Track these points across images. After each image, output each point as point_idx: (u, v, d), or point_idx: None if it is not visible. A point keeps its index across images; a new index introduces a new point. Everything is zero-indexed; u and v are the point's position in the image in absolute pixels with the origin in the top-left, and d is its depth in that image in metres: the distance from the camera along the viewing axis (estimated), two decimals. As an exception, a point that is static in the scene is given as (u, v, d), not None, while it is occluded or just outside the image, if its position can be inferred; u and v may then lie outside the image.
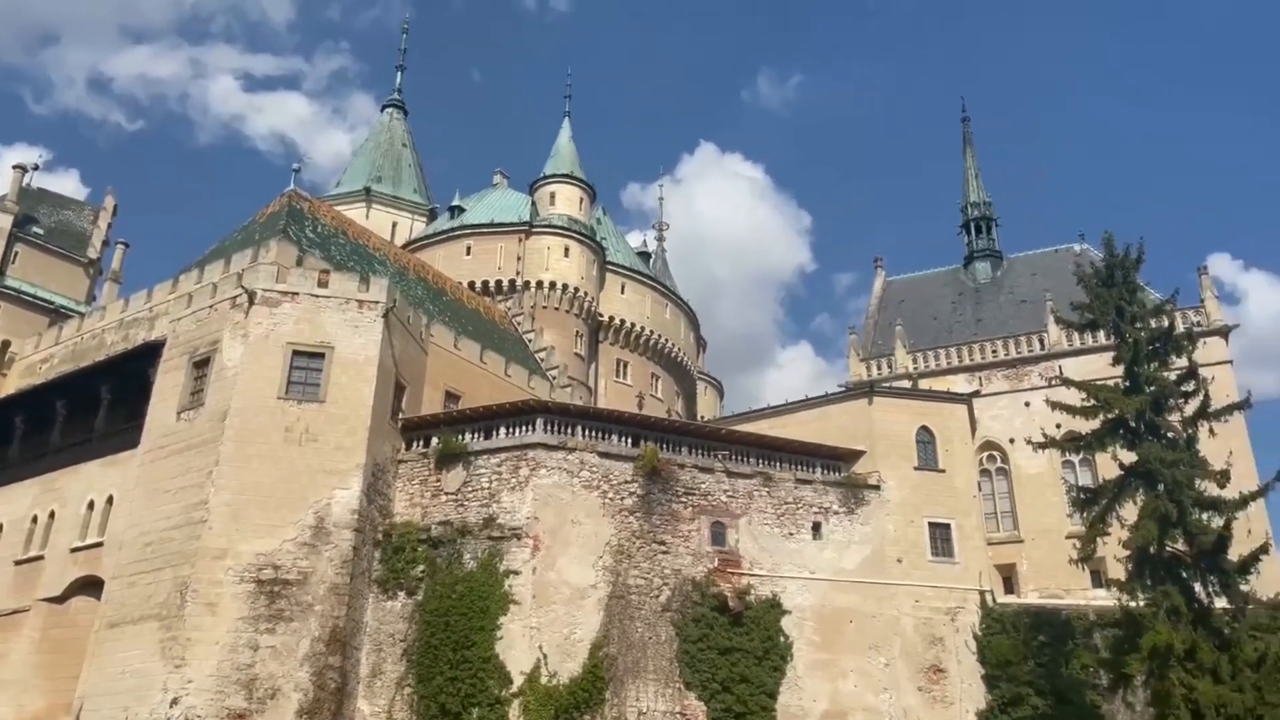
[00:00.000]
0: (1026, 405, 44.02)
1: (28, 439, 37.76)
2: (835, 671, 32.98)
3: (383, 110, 76.72)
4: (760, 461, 35.81)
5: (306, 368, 32.67)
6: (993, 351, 47.41)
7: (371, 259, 44.50)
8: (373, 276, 36.17)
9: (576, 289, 57.29)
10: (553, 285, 56.73)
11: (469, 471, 33.73)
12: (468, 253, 57.99)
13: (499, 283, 56.90)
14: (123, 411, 35.63)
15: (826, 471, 36.39)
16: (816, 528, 35.16)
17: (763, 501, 34.95)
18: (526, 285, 56.52)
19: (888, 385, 42.90)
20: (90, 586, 32.95)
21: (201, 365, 33.36)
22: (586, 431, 34.42)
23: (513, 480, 33.20)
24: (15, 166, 52.02)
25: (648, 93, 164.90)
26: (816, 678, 32.69)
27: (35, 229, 50.14)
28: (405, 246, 57.91)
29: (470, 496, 33.35)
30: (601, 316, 59.73)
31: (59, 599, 33.63)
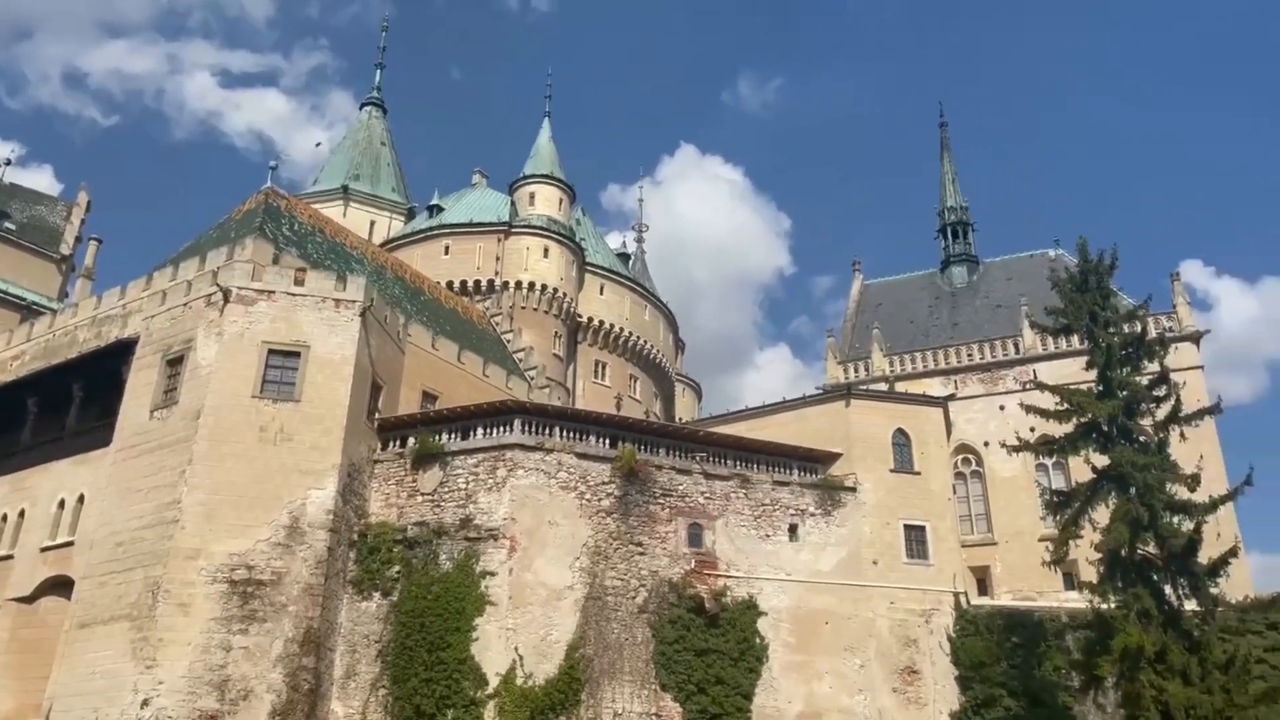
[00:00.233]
0: (1001, 409, 44.34)
1: (-3, 437, 37.27)
2: (810, 673, 33.11)
3: (361, 108, 76.23)
4: (738, 463, 35.90)
5: (282, 366, 32.47)
6: (968, 355, 47.74)
7: (349, 258, 44.24)
8: (350, 275, 35.95)
9: (555, 290, 57.22)
10: (531, 286, 56.63)
11: (446, 472, 33.62)
12: (446, 252, 57.79)
13: (477, 283, 56.71)
14: (95, 410, 35.29)
15: (803, 473, 36.53)
16: (793, 529, 35.29)
17: (740, 503, 35.03)
18: (505, 285, 56.38)
19: (865, 388, 43.11)
20: (60, 586, 32.60)
21: (175, 363, 33.10)
22: (564, 432, 34.39)
23: (490, 481, 33.12)
24: (-12, 161, 51.41)
25: (628, 94, 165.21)
26: (792, 679, 32.81)
27: (7, 224, 49.52)
28: (383, 245, 57.59)
29: (447, 497, 33.25)
30: (580, 317, 59.68)
31: (28, 599, 33.23)
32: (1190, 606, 28.51)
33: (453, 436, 34.40)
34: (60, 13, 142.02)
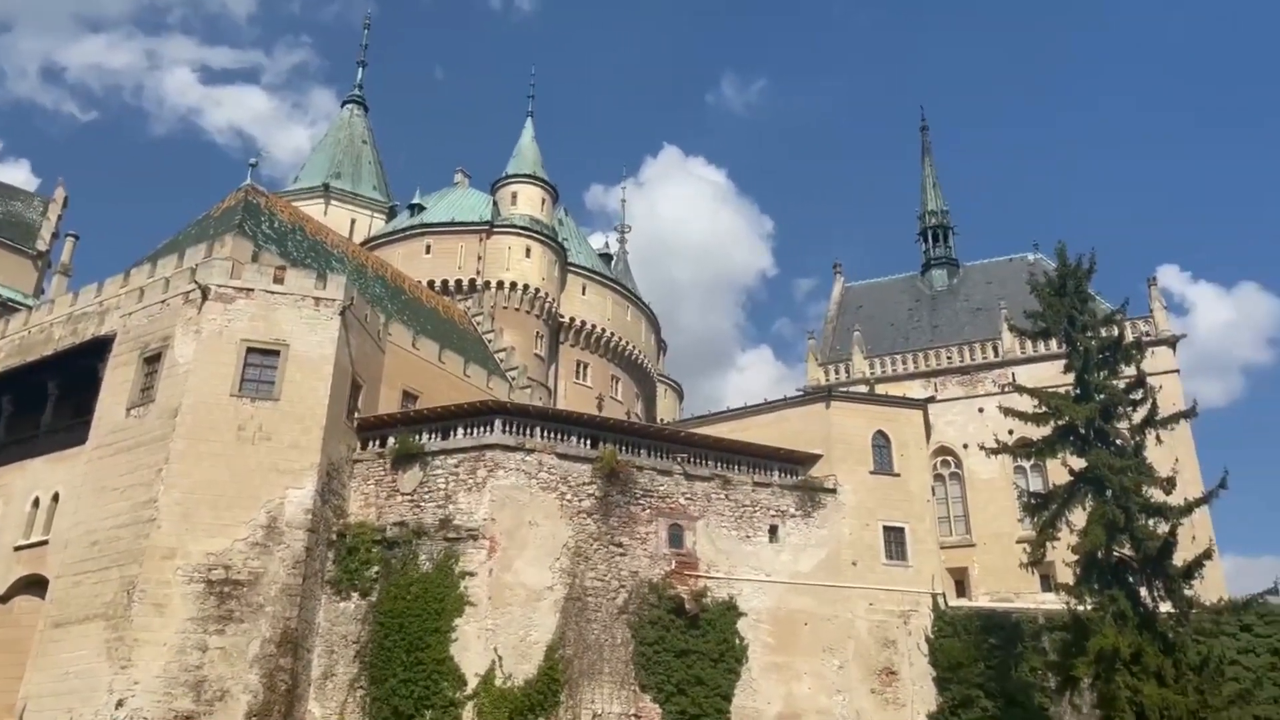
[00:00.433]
0: (980, 411, 44.60)
1: (-29, 435, 36.84)
2: (790, 674, 33.20)
3: (343, 106, 75.80)
4: (719, 464, 35.96)
5: (261, 365, 32.28)
6: (948, 358, 47.99)
7: (329, 256, 44.00)
8: (330, 274, 35.79)
9: (537, 290, 57.11)
10: (513, 285, 56.49)
11: (425, 472, 33.50)
12: (428, 251, 57.56)
13: (459, 282, 56.52)
14: (70, 407, 35.00)
15: (784, 475, 36.64)
16: (773, 530, 35.38)
17: (721, 504, 35.09)
18: (487, 285, 56.21)
19: (845, 390, 43.27)
20: (35, 586, 32.32)
21: (152, 361, 32.83)
22: (545, 433, 34.34)
23: (470, 481, 33.03)
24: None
25: (612, 94, 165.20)
26: (771, 680, 32.89)
27: (-18, 220, 49.02)
28: (364, 244, 57.29)
29: (426, 497, 33.13)
30: (562, 317, 59.59)
31: (2, 598, 32.94)
32: (1165, 608, 28.82)
33: (433, 436, 34.29)
34: (38, 7, 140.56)
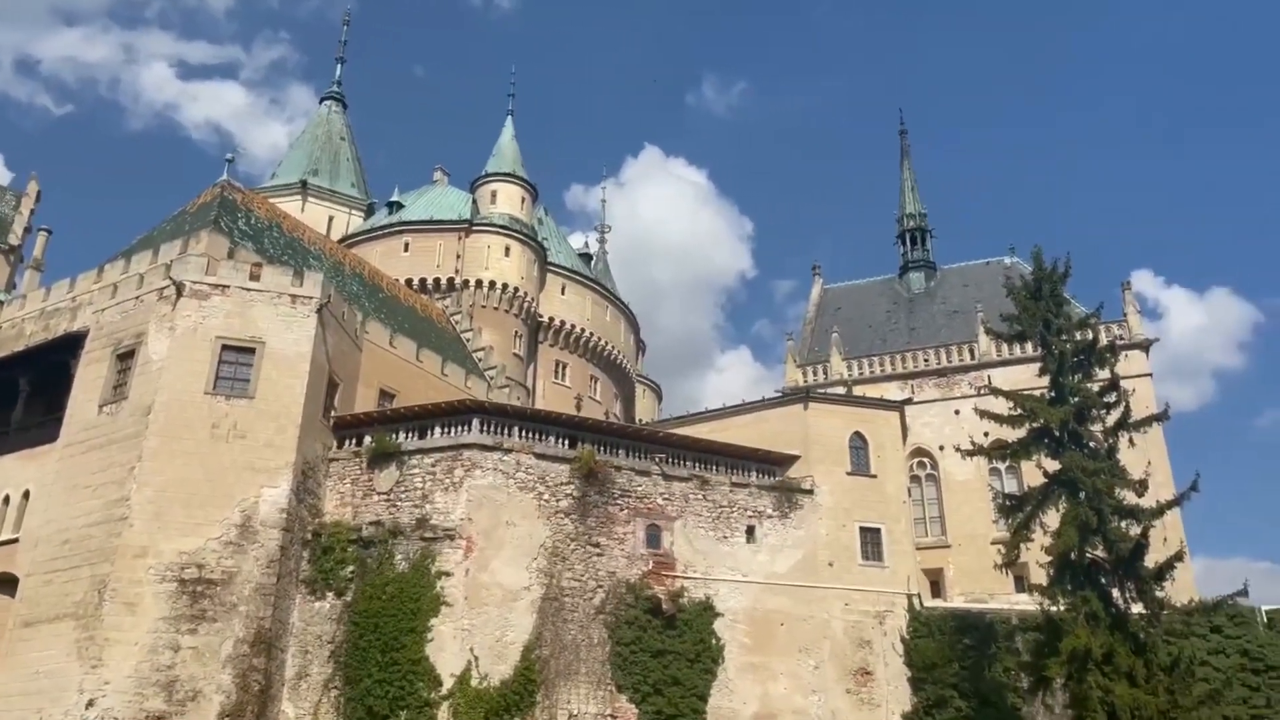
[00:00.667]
0: (956, 413, 44.96)
1: (-60, 431, 36.31)
2: (766, 674, 33.27)
3: (321, 102, 75.37)
4: (697, 465, 36.01)
5: (236, 362, 32.03)
6: (925, 360, 48.33)
7: (306, 253, 43.70)
8: (307, 271, 35.54)
9: (516, 289, 56.95)
10: (492, 285, 56.30)
11: (402, 471, 33.34)
12: (406, 249, 57.27)
13: (437, 281, 56.29)
14: (41, 404, 34.58)
15: (761, 475, 36.71)
16: (750, 531, 35.45)
17: (698, 504, 35.13)
18: (465, 284, 56.01)
19: (823, 391, 43.44)
20: (4, 584, 31.85)
21: (125, 358, 32.52)
22: (523, 432, 34.26)
23: (447, 481, 32.89)
24: (-68, 148, 50.11)
25: (592, 94, 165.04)
26: (747, 680, 32.95)
27: (-47, 213, 48.26)
28: (341, 241, 56.92)
29: (403, 497, 32.97)
30: (541, 317, 59.47)
31: (-30, 597, 32.46)
32: (1137, 609, 29.11)
33: (410, 435, 34.13)
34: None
